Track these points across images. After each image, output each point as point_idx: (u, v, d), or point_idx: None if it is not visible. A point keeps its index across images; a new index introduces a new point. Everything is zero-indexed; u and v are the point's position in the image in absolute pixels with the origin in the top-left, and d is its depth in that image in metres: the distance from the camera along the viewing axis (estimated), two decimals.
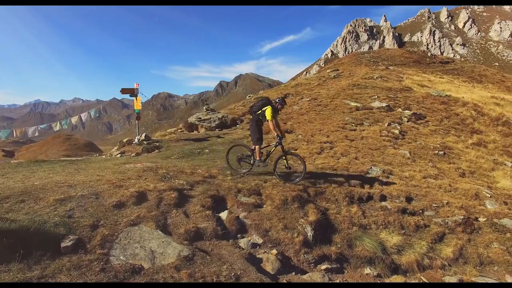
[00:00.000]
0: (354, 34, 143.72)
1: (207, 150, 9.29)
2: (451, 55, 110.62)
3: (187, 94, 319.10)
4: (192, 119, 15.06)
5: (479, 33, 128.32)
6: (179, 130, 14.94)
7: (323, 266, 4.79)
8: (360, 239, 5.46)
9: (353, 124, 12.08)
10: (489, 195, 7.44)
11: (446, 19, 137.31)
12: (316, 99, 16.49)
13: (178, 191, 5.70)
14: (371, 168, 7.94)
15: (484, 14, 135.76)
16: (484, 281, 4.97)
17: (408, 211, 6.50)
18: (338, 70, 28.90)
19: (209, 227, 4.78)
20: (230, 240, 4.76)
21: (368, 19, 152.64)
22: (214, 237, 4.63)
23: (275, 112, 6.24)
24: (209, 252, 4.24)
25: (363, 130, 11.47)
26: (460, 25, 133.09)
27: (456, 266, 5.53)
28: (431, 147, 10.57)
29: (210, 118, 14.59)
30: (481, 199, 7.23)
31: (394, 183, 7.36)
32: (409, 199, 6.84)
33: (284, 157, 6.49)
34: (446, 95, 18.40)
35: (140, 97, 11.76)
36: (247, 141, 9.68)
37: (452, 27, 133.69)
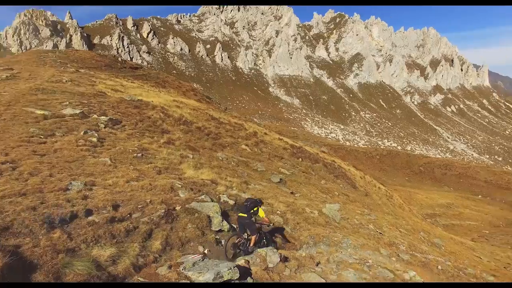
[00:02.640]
0: (32, 27, 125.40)
1: None
2: (140, 62, 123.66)
3: None
4: None
5: (160, 44, 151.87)
6: None
7: None
8: (70, 265, 5.06)
9: (42, 136, 10.69)
10: (180, 186, 9.19)
11: (133, 27, 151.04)
12: None
13: None
14: (70, 183, 7.46)
15: (162, 29, 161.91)
16: (185, 259, 6.13)
17: (117, 219, 6.73)
18: (13, 69, 24.20)
19: None
20: None
21: (49, 12, 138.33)
22: None
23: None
24: None
25: (56, 142, 10.45)
26: (145, 35, 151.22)
27: (165, 255, 6.43)
28: (130, 150, 11.44)
29: None
30: (175, 190, 8.78)
31: (99, 194, 7.36)
32: (116, 207, 7.09)
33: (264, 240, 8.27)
34: (138, 99, 20.43)
35: None
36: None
37: (138, 35, 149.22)
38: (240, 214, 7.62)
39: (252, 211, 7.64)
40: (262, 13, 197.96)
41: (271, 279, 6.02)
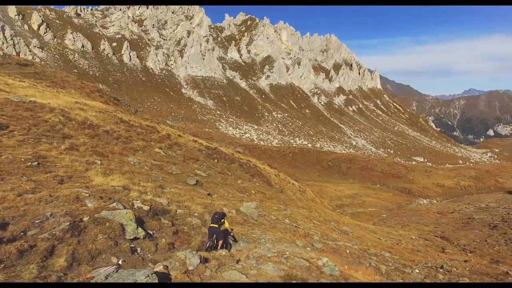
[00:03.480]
0: None
1: None
2: (30, 57, 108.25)
3: None
4: None
5: (56, 39, 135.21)
6: None
7: None
8: None
9: None
10: (88, 194, 8.41)
11: (17, 17, 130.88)
12: None
13: None
14: None
15: (57, 21, 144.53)
16: (96, 272, 5.64)
17: (5, 240, 5.84)
18: None
19: None
20: None
21: None
22: None
23: None
24: None
25: None
26: (35, 27, 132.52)
27: (72, 272, 5.82)
28: (23, 159, 10.02)
29: None
30: (82, 200, 8.00)
31: None
32: (4, 225, 6.15)
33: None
34: (31, 101, 17.96)
35: None
36: None
37: (26, 27, 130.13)
38: (211, 225, 8.94)
39: (220, 222, 9.11)
40: (173, 12, 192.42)
41: (192, 281, 5.94)
